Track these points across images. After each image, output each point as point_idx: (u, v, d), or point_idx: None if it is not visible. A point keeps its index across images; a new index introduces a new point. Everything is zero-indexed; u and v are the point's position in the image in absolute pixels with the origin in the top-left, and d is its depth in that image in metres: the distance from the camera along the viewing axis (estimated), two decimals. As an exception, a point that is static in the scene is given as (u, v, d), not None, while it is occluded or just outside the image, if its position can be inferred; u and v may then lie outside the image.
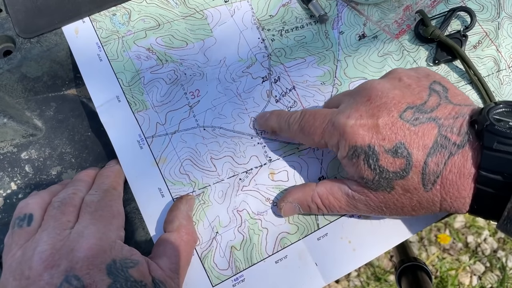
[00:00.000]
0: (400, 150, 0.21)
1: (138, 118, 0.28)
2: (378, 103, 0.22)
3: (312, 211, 0.25)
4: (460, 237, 0.89)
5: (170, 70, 0.29)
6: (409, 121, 0.21)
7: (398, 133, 0.21)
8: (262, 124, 0.28)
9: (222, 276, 0.25)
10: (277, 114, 0.27)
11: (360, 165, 0.22)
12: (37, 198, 0.24)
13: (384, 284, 0.84)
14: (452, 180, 0.20)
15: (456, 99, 0.22)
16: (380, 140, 0.21)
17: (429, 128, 0.21)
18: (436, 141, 0.20)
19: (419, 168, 0.20)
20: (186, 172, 0.27)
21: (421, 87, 0.22)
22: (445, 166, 0.20)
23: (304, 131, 0.24)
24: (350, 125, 0.22)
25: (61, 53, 0.30)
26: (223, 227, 0.26)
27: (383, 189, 0.22)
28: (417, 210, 0.22)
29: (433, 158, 0.20)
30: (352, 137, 0.21)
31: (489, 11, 0.32)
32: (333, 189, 0.24)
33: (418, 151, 0.20)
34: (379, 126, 0.21)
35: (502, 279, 0.84)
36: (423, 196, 0.21)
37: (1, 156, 0.29)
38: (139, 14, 0.30)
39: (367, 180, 0.22)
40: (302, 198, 0.25)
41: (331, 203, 0.24)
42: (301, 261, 0.26)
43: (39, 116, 0.30)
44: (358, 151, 0.21)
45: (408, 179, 0.21)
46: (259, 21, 0.31)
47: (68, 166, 0.29)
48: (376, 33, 0.31)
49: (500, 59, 0.31)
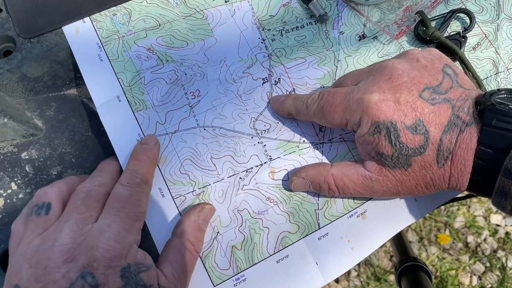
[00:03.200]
0: (419, 127, 0.22)
1: (138, 117, 0.28)
2: (399, 81, 0.23)
3: (322, 191, 0.25)
4: (460, 237, 0.89)
5: (171, 70, 0.30)
6: (427, 100, 0.22)
7: (418, 110, 0.22)
8: (277, 107, 0.28)
9: (223, 276, 0.25)
10: (294, 97, 0.27)
11: (381, 141, 0.22)
12: (56, 187, 0.24)
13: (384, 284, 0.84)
14: (460, 156, 0.21)
15: (465, 84, 0.24)
16: (402, 117, 0.22)
17: (444, 108, 0.22)
18: (450, 119, 0.22)
19: (435, 145, 0.22)
20: (186, 172, 0.27)
21: (436, 69, 0.24)
22: (456, 142, 0.21)
23: (324, 110, 0.25)
24: (374, 101, 0.22)
25: (62, 53, 0.30)
26: (224, 227, 0.26)
27: (401, 167, 0.22)
28: (429, 187, 0.23)
29: (447, 136, 0.22)
30: (375, 112, 0.22)
31: (489, 13, 0.32)
32: (349, 171, 0.24)
33: (435, 129, 0.22)
34: (400, 103, 0.22)
35: (502, 279, 0.84)
36: (436, 172, 0.22)
37: (1, 156, 0.29)
38: (139, 14, 0.30)
39: (386, 156, 0.23)
40: (315, 176, 0.25)
41: (345, 184, 0.24)
42: (302, 261, 0.26)
43: (39, 116, 0.30)
44: (380, 127, 0.22)
45: (425, 155, 0.22)
46: (260, 21, 0.31)
47: (69, 166, 0.29)
48: (376, 33, 0.31)
49: (498, 61, 0.31)
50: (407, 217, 0.27)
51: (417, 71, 0.23)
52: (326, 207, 0.27)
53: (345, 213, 0.27)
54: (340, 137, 0.29)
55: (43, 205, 0.23)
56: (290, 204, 0.27)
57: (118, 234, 0.22)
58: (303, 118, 0.27)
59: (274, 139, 0.28)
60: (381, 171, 0.23)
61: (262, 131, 0.29)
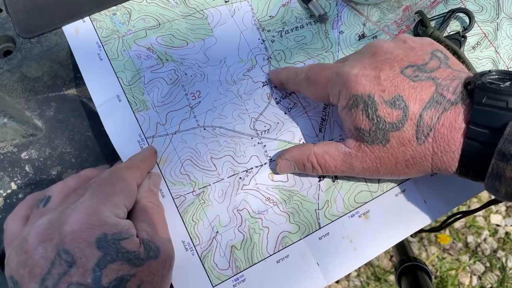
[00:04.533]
0: (398, 102, 0.22)
1: (139, 118, 0.28)
2: (382, 58, 0.23)
3: (307, 170, 0.26)
4: (460, 237, 0.89)
5: (171, 70, 0.30)
6: (409, 77, 0.22)
7: (398, 86, 0.22)
8: (273, 77, 0.29)
9: (223, 276, 0.25)
10: (287, 68, 0.28)
11: (358, 115, 0.22)
12: (61, 183, 0.25)
13: (384, 284, 0.84)
14: (443, 134, 0.21)
15: (456, 66, 0.23)
16: (380, 91, 0.22)
17: (427, 85, 0.22)
18: (433, 97, 0.21)
19: (414, 121, 0.21)
20: (187, 173, 0.27)
21: (424, 51, 0.23)
22: (438, 120, 0.21)
23: (310, 80, 0.25)
24: (353, 74, 0.23)
25: (61, 53, 0.30)
26: (223, 227, 0.26)
27: (379, 142, 0.22)
28: (410, 166, 0.22)
29: (428, 112, 0.21)
30: (353, 85, 0.22)
31: (488, 12, 0.32)
32: (330, 149, 0.25)
33: (415, 104, 0.21)
34: (380, 78, 0.22)
35: (502, 279, 0.84)
36: (416, 149, 0.22)
37: (1, 156, 0.29)
38: (139, 13, 0.31)
39: (364, 131, 0.22)
40: (298, 156, 0.25)
41: (326, 162, 0.25)
42: (303, 261, 0.26)
43: (39, 116, 0.30)
44: (358, 100, 0.22)
45: (403, 131, 0.22)
46: (259, 22, 0.31)
47: (68, 166, 0.29)
48: (376, 33, 0.31)
49: (498, 61, 0.31)
50: (418, 219, 0.27)
51: (402, 50, 0.23)
52: (326, 207, 0.27)
53: (346, 212, 0.27)
54: (340, 137, 0.29)
55: (43, 199, 0.24)
56: (290, 205, 0.27)
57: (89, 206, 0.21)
58: (291, 87, 0.28)
59: (274, 139, 0.28)
60: (360, 147, 0.23)
61: (262, 132, 0.29)
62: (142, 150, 0.27)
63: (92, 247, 0.20)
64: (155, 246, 0.22)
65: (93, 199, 0.22)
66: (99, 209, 0.21)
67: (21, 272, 0.20)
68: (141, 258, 0.21)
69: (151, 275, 0.21)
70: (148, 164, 0.26)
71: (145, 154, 0.26)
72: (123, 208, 0.23)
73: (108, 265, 0.20)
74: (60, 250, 0.19)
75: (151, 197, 0.25)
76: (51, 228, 0.20)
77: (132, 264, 0.20)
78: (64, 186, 0.24)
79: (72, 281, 0.19)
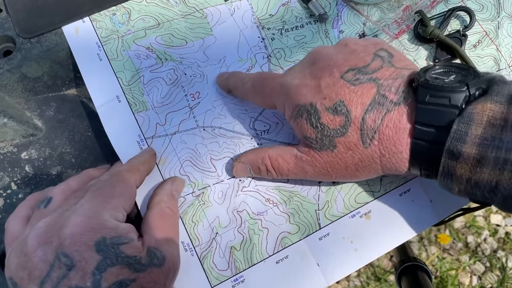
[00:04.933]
0: (339, 108, 0.21)
1: (138, 118, 0.28)
2: (321, 65, 0.23)
3: (262, 173, 0.26)
4: (460, 237, 0.89)
5: (170, 69, 0.29)
6: (349, 81, 0.22)
7: (339, 92, 0.22)
8: (221, 84, 0.29)
9: (222, 276, 0.25)
10: (234, 74, 0.28)
11: (303, 124, 0.23)
12: (64, 184, 0.25)
13: (384, 284, 0.83)
14: (388, 135, 0.21)
15: (399, 63, 0.23)
16: (321, 99, 0.22)
17: (368, 88, 0.21)
18: (374, 99, 0.21)
19: (358, 125, 0.21)
20: (186, 173, 0.27)
21: (366, 52, 0.23)
22: (382, 122, 0.21)
23: (256, 89, 0.25)
24: (294, 85, 0.23)
25: (61, 53, 0.30)
26: (223, 228, 0.26)
27: (327, 148, 0.22)
28: (360, 170, 0.22)
29: (370, 115, 0.21)
30: (296, 96, 0.23)
31: (489, 11, 0.32)
32: (283, 152, 0.25)
33: (357, 109, 0.21)
34: (320, 86, 0.22)
35: (502, 279, 0.84)
36: (364, 153, 0.22)
37: (1, 156, 0.29)
38: (138, 13, 0.30)
39: (311, 139, 0.23)
40: (253, 159, 0.26)
41: (280, 164, 0.25)
42: (303, 261, 0.26)
43: (39, 116, 0.30)
44: (301, 110, 0.22)
45: (348, 136, 0.21)
46: (259, 20, 0.31)
47: (68, 166, 0.29)
48: (376, 32, 0.31)
49: (500, 59, 0.31)
50: (423, 220, 0.26)
51: (342, 54, 0.23)
52: (326, 207, 0.27)
53: (346, 213, 0.27)
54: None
55: (45, 200, 0.24)
56: (290, 205, 0.27)
57: (89, 209, 0.21)
58: (239, 95, 0.28)
59: (274, 140, 0.28)
60: (310, 152, 0.23)
61: (262, 132, 0.29)
62: (141, 152, 0.27)
63: (91, 251, 0.20)
64: (161, 254, 0.22)
65: (92, 202, 0.22)
66: (99, 212, 0.21)
67: (20, 274, 0.20)
68: (142, 264, 0.21)
69: (152, 282, 0.21)
70: (147, 167, 0.26)
71: (144, 156, 0.26)
72: (123, 211, 0.23)
73: (108, 269, 0.20)
74: (59, 253, 0.19)
75: (170, 203, 0.25)
76: (51, 231, 0.20)
77: (133, 268, 0.20)
78: (66, 187, 0.24)
79: (71, 284, 0.19)
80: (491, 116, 0.18)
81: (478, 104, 0.18)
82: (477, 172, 0.18)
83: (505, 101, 0.18)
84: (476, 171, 0.18)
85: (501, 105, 0.18)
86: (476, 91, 0.19)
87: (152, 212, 0.24)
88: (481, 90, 0.19)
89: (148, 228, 0.23)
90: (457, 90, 0.19)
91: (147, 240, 0.22)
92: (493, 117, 0.18)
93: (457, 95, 0.19)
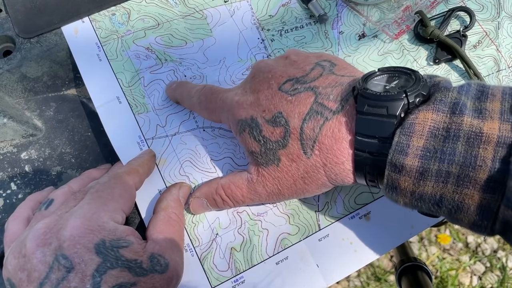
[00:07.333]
0: (278, 119, 0.21)
1: (139, 120, 0.28)
2: (260, 78, 0.23)
3: (218, 204, 0.25)
4: (460, 237, 0.89)
5: (170, 70, 0.29)
6: (287, 92, 0.22)
7: (277, 103, 0.22)
8: (169, 94, 0.28)
9: (222, 277, 0.25)
10: (182, 85, 0.28)
11: (247, 139, 0.22)
12: (66, 186, 0.25)
13: (384, 284, 0.84)
14: (328, 145, 0.20)
15: (341, 71, 0.22)
16: (261, 112, 0.22)
17: (305, 97, 0.21)
18: (312, 108, 0.21)
19: (297, 135, 0.21)
20: (186, 174, 0.27)
21: (307, 62, 0.23)
22: (320, 131, 0.20)
23: (201, 104, 0.25)
24: (235, 100, 0.23)
25: (61, 53, 0.30)
26: (223, 229, 0.26)
27: (272, 162, 0.22)
28: (308, 182, 0.22)
29: (308, 124, 0.21)
30: (237, 111, 0.23)
31: (489, 11, 0.31)
32: (235, 178, 0.24)
33: (294, 119, 0.21)
34: (259, 99, 0.22)
35: (502, 279, 0.84)
36: (307, 163, 0.21)
37: (1, 156, 0.29)
38: (138, 13, 0.30)
39: (256, 153, 0.22)
40: (208, 191, 0.25)
41: (233, 192, 0.24)
42: (302, 262, 0.26)
43: (39, 116, 0.30)
44: (244, 124, 0.22)
45: (289, 147, 0.21)
46: (259, 21, 0.31)
47: (68, 166, 0.29)
48: (376, 32, 0.31)
49: (500, 59, 0.31)
50: (424, 220, 0.26)
51: (282, 66, 0.23)
52: (326, 208, 0.27)
53: (346, 214, 0.27)
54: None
55: (46, 202, 0.24)
56: (290, 206, 0.27)
57: (88, 211, 0.21)
58: (187, 107, 0.28)
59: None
60: (259, 171, 0.23)
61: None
62: (141, 154, 0.27)
63: (91, 253, 0.20)
64: (164, 261, 0.22)
65: (91, 204, 0.22)
66: (98, 214, 0.21)
67: (19, 276, 0.20)
68: (143, 268, 0.21)
69: None
70: (147, 169, 0.26)
71: (143, 158, 0.26)
72: (122, 213, 0.23)
73: (108, 271, 0.19)
74: (58, 255, 0.19)
75: (177, 208, 0.25)
76: (50, 233, 0.20)
77: (133, 272, 0.20)
78: (68, 190, 0.24)
79: (70, 286, 0.19)
80: (433, 126, 0.17)
81: (419, 114, 0.18)
82: (420, 185, 0.17)
83: (448, 110, 0.17)
84: (420, 184, 0.17)
85: (443, 114, 0.17)
86: (415, 99, 0.18)
87: (158, 217, 0.24)
88: (422, 97, 0.18)
89: (153, 233, 0.23)
90: (395, 98, 0.18)
91: (152, 245, 0.22)
92: (435, 127, 0.17)
93: (395, 103, 0.18)
